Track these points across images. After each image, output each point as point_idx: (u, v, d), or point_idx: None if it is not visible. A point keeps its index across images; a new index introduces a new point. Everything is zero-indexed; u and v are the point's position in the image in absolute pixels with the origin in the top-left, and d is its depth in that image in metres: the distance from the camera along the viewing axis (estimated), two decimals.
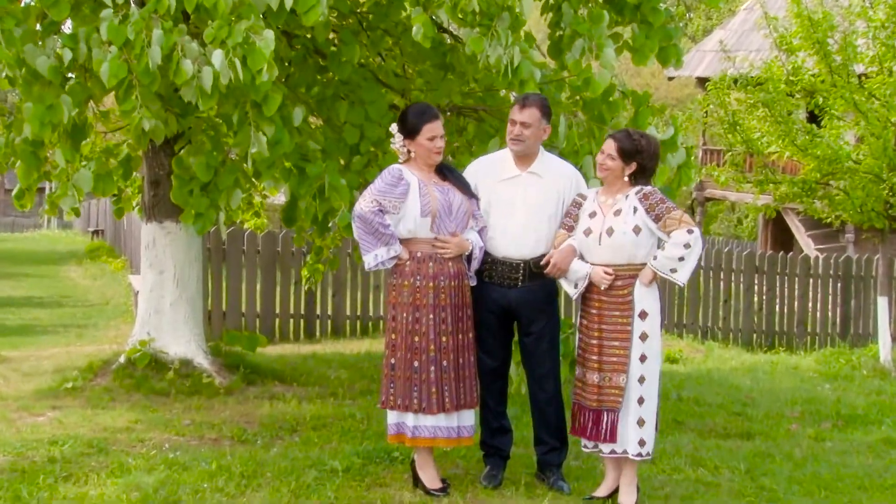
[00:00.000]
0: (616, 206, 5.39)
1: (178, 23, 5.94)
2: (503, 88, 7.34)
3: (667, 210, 5.30)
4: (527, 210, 5.55)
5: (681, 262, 5.28)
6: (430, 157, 5.43)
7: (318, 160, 7.00)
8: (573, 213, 5.53)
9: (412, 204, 5.33)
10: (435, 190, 5.40)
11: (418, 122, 5.40)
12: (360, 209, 5.30)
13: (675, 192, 6.71)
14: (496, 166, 5.68)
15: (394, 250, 5.33)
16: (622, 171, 5.38)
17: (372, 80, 7.63)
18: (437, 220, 5.36)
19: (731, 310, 14.76)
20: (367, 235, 5.32)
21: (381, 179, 5.37)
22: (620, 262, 5.35)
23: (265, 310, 12.09)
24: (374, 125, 7.34)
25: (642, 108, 6.87)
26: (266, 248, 12.10)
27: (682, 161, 6.86)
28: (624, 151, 5.37)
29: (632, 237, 5.31)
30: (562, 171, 5.69)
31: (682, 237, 5.26)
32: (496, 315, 5.63)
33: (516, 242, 5.55)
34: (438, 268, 5.39)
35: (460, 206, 5.44)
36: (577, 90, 6.75)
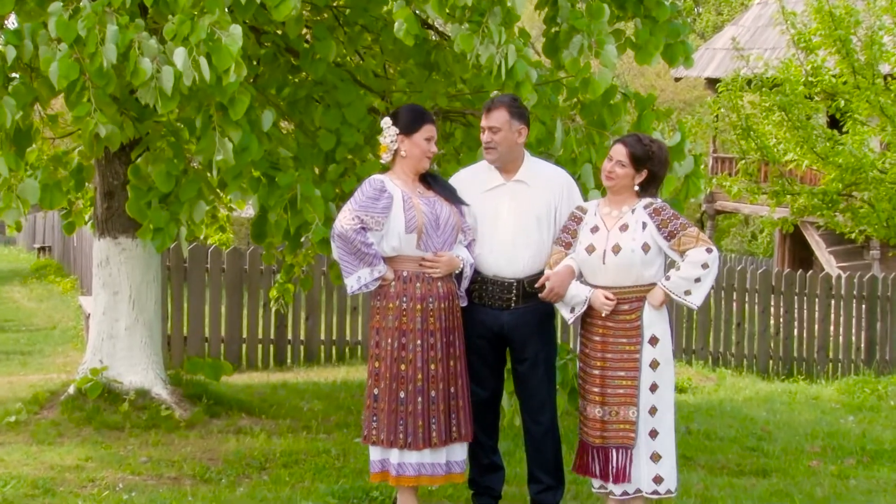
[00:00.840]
0: (622, 221, 5.41)
1: (134, 17, 5.94)
2: (494, 90, 7.36)
3: (681, 227, 5.33)
4: (515, 222, 5.58)
5: (696, 284, 5.31)
6: (421, 162, 5.47)
7: (289, 169, 7.00)
8: (571, 228, 5.54)
9: (396, 219, 5.35)
10: (420, 202, 5.42)
11: (419, 119, 5.46)
12: (341, 227, 5.31)
13: (682, 205, 6.74)
14: (479, 177, 5.71)
15: (378, 271, 5.35)
16: (632, 181, 5.41)
17: (349, 81, 7.65)
18: (424, 236, 5.38)
19: (745, 334, 14.80)
20: (348, 256, 5.32)
21: (361, 193, 5.38)
22: (627, 283, 5.36)
23: (231, 334, 12.06)
24: (352, 130, 7.36)
25: (646, 112, 6.90)
26: (232, 265, 12.08)
27: (691, 170, 6.89)
28: (636, 158, 5.38)
29: (641, 255, 5.32)
30: (551, 176, 5.71)
31: (700, 256, 5.29)
32: (487, 340, 5.63)
33: (507, 259, 5.57)
34: (426, 288, 5.40)
35: (448, 220, 5.46)
36: (575, 92, 6.78)
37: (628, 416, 5.32)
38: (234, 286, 12.09)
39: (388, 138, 5.48)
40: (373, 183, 5.41)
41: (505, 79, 6.04)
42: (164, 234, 7.26)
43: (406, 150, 5.46)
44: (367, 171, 6.88)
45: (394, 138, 5.46)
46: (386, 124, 5.50)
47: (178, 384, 8.63)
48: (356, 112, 7.41)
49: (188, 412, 8.15)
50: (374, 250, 5.30)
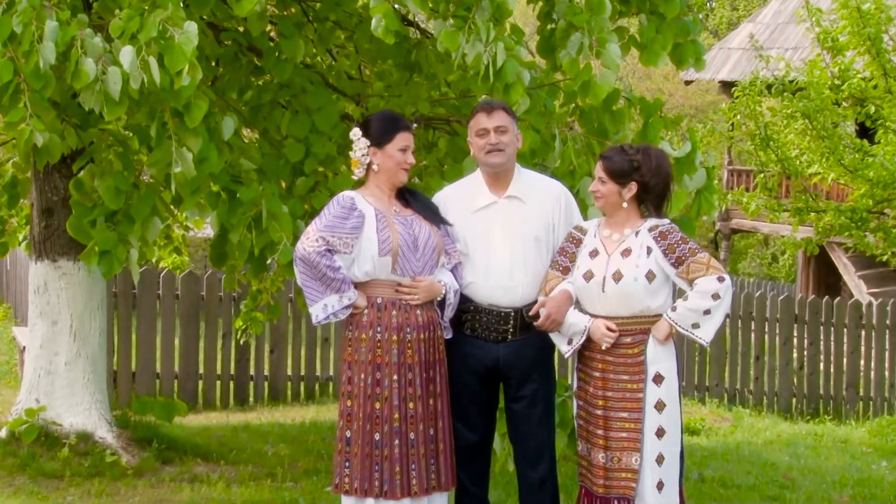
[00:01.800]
0: (624, 244, 5.43)
1: (77, 13, 5.94)
2: (483, 94, 7.37)
3: (690, 252, 5.35)
4: (511, 244, 5.60)
5: (706, 317, 5.33)
6: (398, 175, 5.50)
7: (253, 182, 6.98)
8: (569, 251, 5.56)
9: (368, 240, 5.37)
10: (395, 221, 5.42)
11: (391, 128, 5.49)
12: (303, 250, 5.32)
13: (693, 223, 6.76)
14: (467, 194, 5.73)
15: (347, 298, 5.35)
16: (619, 197, 5.45)
17: (319, 84, 7.65)
18: (400, 259, 5.39)
19: (765, 369, 14.81)
20: (312, 281, 5.33)
21: (328, 211, 5.41)
22: (629, 313, 5.38)
23: (185, 369, 12.02)
24: (323, 139, 7.36)
25: (653, 119, 6.93)
26: (187, 292, 12.05)
27: (703, 184, 6.91)
28: (614, 172, 5.43)
29: (644, 284, 5.34)
30: (547, 190, 5.75)
31: (710, 285, 5.31)
32: (479, 377, 5.64)
33: (504, 287, 5.58)
34: (404, 317, 5.40)
35: (427, 241, 5.47)
36: (574, 96, 6.79)
37: (630, 464, 5.31)
38: (189, 315, 12.06)
39: (358, 152, 5.51)
40: (341, 200, 5.42)
41: (493, 81, 6.04)
42: (112, 258, 7.21)
43: (379, 164, 5.48)
44: (340, 185, 6.87)
45: (364, 151, 5.49)
46: (355, 136, 5.53)
47: (125, 426, 8.59)
48: (327, 119, 7.41)
49: (136, 458, 8.11)
50: (342, 275, 5.31)
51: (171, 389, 11.88)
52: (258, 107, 7.77)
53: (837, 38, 14.50)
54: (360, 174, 5.54)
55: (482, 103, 5.72)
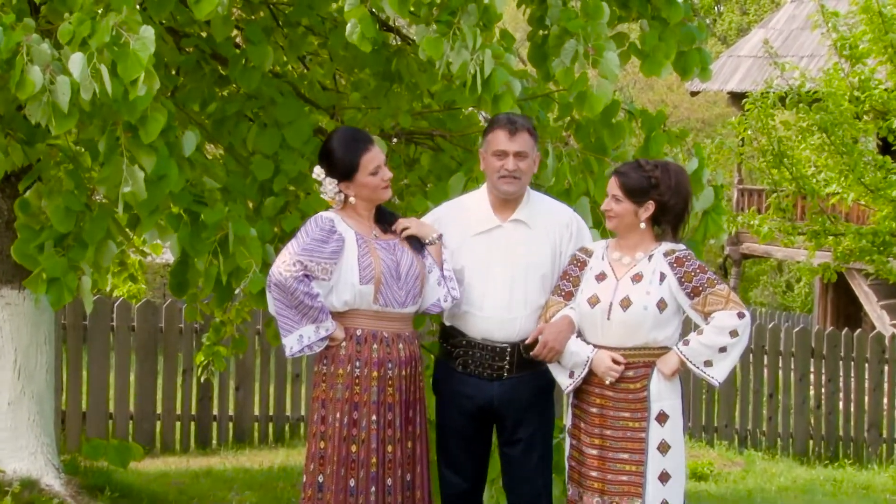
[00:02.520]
0: (635, 269, 5.44)
1: (22, 16, 5.91)
2: (469, 106, 7.38)
3: (708, 283, 5.35)
4: (511, 273, 5.61)
5: (721, 355, 5.34)
6: (379, 195, 5.54)
7: (217, 203, 6.96)
8: (572, 275, 5.57)
9: (349, 267, 5.38)
10: (377, 247, 5.43)
11: (353, 157, 5.48)
12: (279, 274, 5.30)
13: (700, 247, 6.77)
14: (466, 215, 5.75)
15: (325, 329, 5.35)
16: (636, 217, 5.45)
17: (290, 95, 7.65)
18: (383, 288, 5.41)
19: (779, 408, 14.80)
20: (287, 310, 5.33)
21: (305, 233, 5.41)
22: (633, 344, 5.39)
23: (142, 409, 11.97)
24: (294, 155, 7.34)
25: (655, 134, 6.94)
26: (144, 323, 12.01)
27: (710, 205, 6.92)
28: (631, 189, 5.43)
29: (654, 314, 5.35)
30: (556, 215, 5.77)
31: (729, 321, 5.31)
32: (471, 417, 5.63)
33: (500, 321, 5.59)
34: (385, 352, 5.41)
35: (410, 268, 5.50)
36: (569, 109, 6.81)
37: None
38: (146, 349, 12.02)
39: (328, 193, 5.55)
40: (320, 221, 5.42)
41: (481, 91, 6.04)
42: (61, 286, 7.15)
43: (356, 195, 5.52)
44: (313, 206, 6.85)
45: (335, 190, 5.51)
46: (319, 176, 5.56)
47: (74, 472, 8.54)
48: (299, 133, 7.40)
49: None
50: (320, 303, 5.31)
51: (126, 431, 11.83)
52: (223, 120, 7.74)
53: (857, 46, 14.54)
54: (339, 207, 5.56)
55: (505, 119, 5.71)
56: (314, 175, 5.59)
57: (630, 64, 7.28)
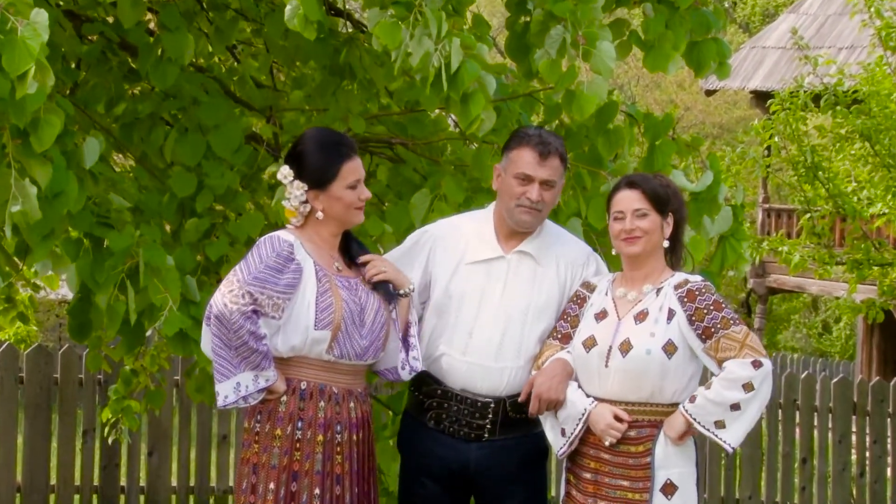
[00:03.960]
0: (640, 305, 5.47)
1: None
2: (436, 108, 7.39)
3: (722, 323, 5.36)
4: (507, 313, 5.64)
5: (734, 414, 5.33)
6: (351, 216, 5.53)
7: (126, 226, 6.95)
8: (571, 314, 5.62)
9: (304, 306, 5.37)
10: (339, 284, 5.43)
11: (332, 162, 5.48)
12: (224, 306, 5.27)
13: (716, 281, 6.78)
14: (464, 238, 5.79)
15: (265, 378, 5.34)
16: (662, 235, 5.52)
17: (217, 94, 7.64)
18: (341, 337, 5.39)
19: (814, 476, 14.82)
20: (226, 350, 5.31)
21: (258, 257, 5.38)
22: (636, 398, 5.40)
23: (31, 479, 11.91)
24: (221, 167, 7.32)
25: (662, 142, 6.95)
26: (35, 373, 11.97)
27: (729, 228, 6.93)
28: (657, 197, 5.50)
29: (660, 359, 5.36)
30: (571, 251, 5.83)
31: (740, 371, 5.31)
32: (442, 486, 5.66)
33: (485, 366, 5.61)
34: (333, 411, 5.41)
35: (377, 315, 5.50)
36: (556, 112, 6.83)
37: None
38: (37, 405, 11.97)
39: (294, 200, 5.50)
40: (277, 245, 5.39)
41: (447, 89, 6.05)
42: None
43: (325, 210, 5.49)
44: (245, 230, 6.86)
45: (302, 198, 5.48)
46: (286, 177, 5.51)
47: None
48: (227, 140, 7.38)
49: None
50: (266, 347, 5.30)
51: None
52: (133, 124, 7.72)
53: None
54: (298, 224, 5.55)
55: (537, 136, 5.79)
56: (279, 176, 5.55)
57: (632, 57, 7.32)
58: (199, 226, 7.34)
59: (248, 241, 6.90)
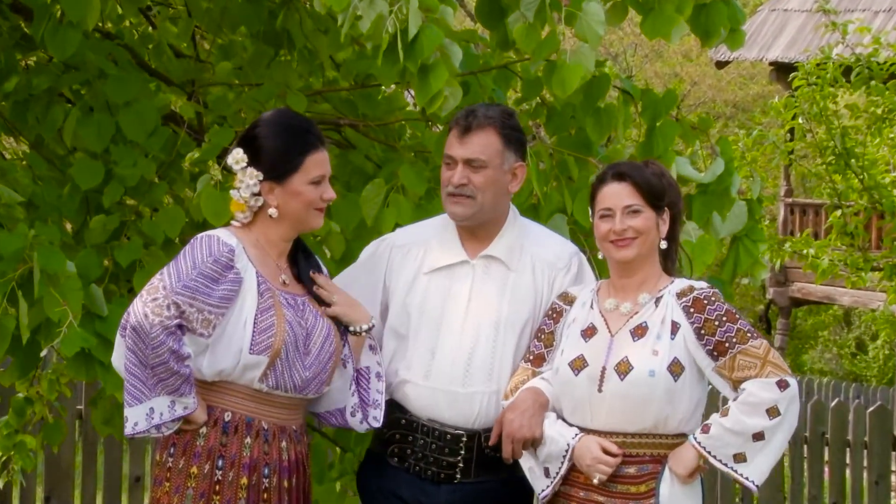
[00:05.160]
0: (637, 319, 5.49)
1: None
2: (392, 82, 7.39)
3: (739, 337, 5.38)
4: (476, 329, 5.67)
5: (757, 444, 5.35)
6: (310, 219, 5.52)
7: (18, 224, 6.95)
8: (545, 331, 5.64)
9: (238, 324, 5.35)
10: (283, 302, 5.42)
11: (296, 150, 5.47)
12: (142, 316, 5.24)
13: (728, 290, 6.80)
14: (424, 245, 5.81)
15: (183, 406, 5.32)
16: (657, 235, 5.53)
17: (128, 65, 7.64)
18: (280, 364, 5.38)
19: None
20: (141, 369, 5.28)
21: (191, 261, 5.36)
22: (638, 428, 5.42)
23: None
24: (133, 153, 7.31)
25: (663, 123, 6.97)
26: None
27: (743, 226, 6.96)
28: (652, 191, 5.49)
29: (666, 381, 5.37)
30: (549, 253, 5.84)
31: (764, 393, 5.32)
32: None
33: (451, 392, 5.64)
34: (260, 450, 5.42)
35: (325, 342, 5.50)
36: (536, 87, 6.84)
37: None
38: None
39: (244, 190, 5.47)
40: (215, 247, 5.38)
41: (403, 60, 6.04)
42: None
43: (280, 207, 5.47)
44: (162, 229, 6.85)
45: (255, 189, 5.45)
46: (237, 163, 5.48)
47: None
48: (141, 120, 7.35)
49: None
50: (188, 370, 5.27)
51: None
52: (27, 102, 7.72)
53: None
54: (246, 220, 5.53)
55: (465, 112, 5.77)
56: (230, 160, 5.52)
57: (629, 22, 7.34)
58: (106, 224, 7.32)
59: (166, 242, 6.90)
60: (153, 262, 6.62)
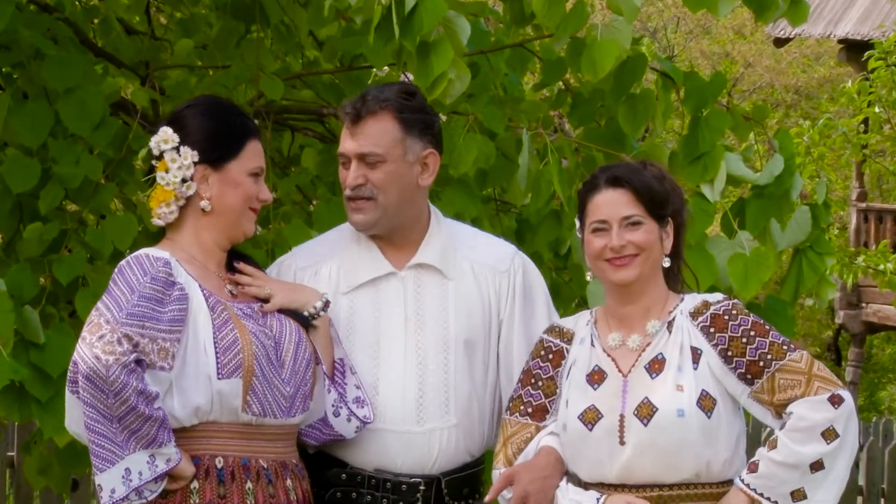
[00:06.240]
0: (650, 351, 5.44)
1: None
2: (385, 65, 7.39)
3: (774, 352, 5.34)
4: (418, 353, 5.65)
5: (816, 477, 5.30)
6: (242, 221, 5.51)
7: None
8: (542, 376, 5.58)
9: (198, 348, 5.33)
10: (239, 313, 5.43)
11: (236, 133, 5.48)
12: (95, 359, 5.14)
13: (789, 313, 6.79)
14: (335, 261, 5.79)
15: (165, 459, 5.25)
16: (661, 251, 5.48)
17: (70, 44, 7.65)
18: (257, 385, 5.36)
19: None
20: (107, 424, 5.21)
21: (125, 287, 5.30)
22: (675, 478, 5.38)
23: None
24: (76, 148, 7.32)
25: (710, 113, 6.95)
26: None
27: (807, 237, 6.95)
28: (654, 198, 5.43)
29: (699, 421, 5.33)
30: (487, 254, 5.82)
31: (816, 413, 5.28)
32: None
33: (406, 436, 5.62)
34: (266, 493, 5.41)
35: (298, 347, 5.51)
36: (559, 70, 6.84)
37: None
38: None
39: (175, 173, 5.44)
40: (147, 265, 5.33)
41: (399, 36, 6.05)
42: None
43: (214, 199, 5.45)
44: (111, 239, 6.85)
45: (186, 173, 5.43)
46: (168, 141, 5.45)
47: None
48: (85, 110, 7.37)
49: None
50: (161, 412, 5.21)
51: None
52: None
53: None
54: (171, 217, 5.49)
55: (353, 99, 5.69)
56: (155, 142, 5.47)
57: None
58: (43, 234, 7.33)
59: (115, 255, 6.89)
60: (99, 280, 6.61)
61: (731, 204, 6.89)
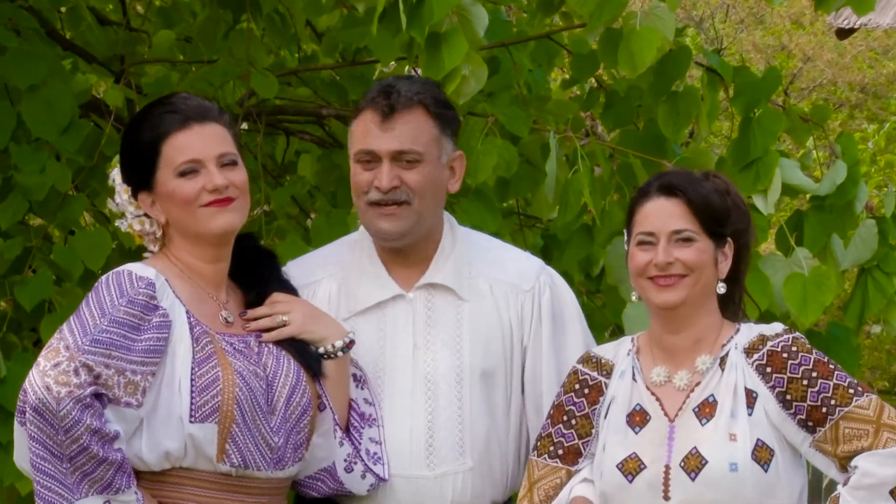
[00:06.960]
0: (700, 392, 5.43)
1: None
2: (392, 59, 7.38)
3: (839, 397, 5.32)
4: (428, 387, 5.66)
5: None
6: (198, 221, 5.45)
7: None
8: (576, 413, 5.54)
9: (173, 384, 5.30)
10: (226, 345, 5.39)
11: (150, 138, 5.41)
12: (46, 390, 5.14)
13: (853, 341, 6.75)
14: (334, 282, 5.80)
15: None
16: (715, 274, 5.42)
17: (35, 36, 7.64)
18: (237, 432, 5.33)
19: None
20: (55, 463, 5.20)
21: (97, 308, 5.30)
22: None
23: None
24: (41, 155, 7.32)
25: (763, 113, 6.92)
26: None
27: (873, 254, 6.91)
28: (712, 213, 5.39)
29: (755, 475, 5.33)
30: (508, 271, 5.84)
31: (885, 469, 5.28)
32: None
33: (416, 481, 5.63)
34: None
35: (294, 389, 5.49)
36: (590, 64, 6.82)
37: None
38: None
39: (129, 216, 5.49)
40: (128, 285, 5.33)
41: (406, 27, 6.02)
42: None
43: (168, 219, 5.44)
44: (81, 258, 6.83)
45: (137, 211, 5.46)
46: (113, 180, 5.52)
47: None
48: (52, 111, 7.37)
49: None
50: (120, 454, 5.18)
51: None
52: None
53: None
54: (157, 243, 5.51)
55: (380, 88, 5.63)
56: (110, 180, 5.55)
57: None
58: (4, 252, 7.32)
59: (86, 276, 6.88)
60: (67, 304, 6.59)
61: (788, 217, 6.86)
